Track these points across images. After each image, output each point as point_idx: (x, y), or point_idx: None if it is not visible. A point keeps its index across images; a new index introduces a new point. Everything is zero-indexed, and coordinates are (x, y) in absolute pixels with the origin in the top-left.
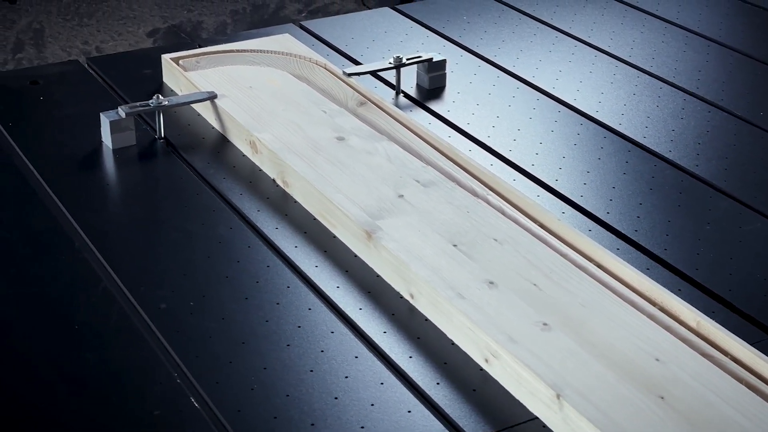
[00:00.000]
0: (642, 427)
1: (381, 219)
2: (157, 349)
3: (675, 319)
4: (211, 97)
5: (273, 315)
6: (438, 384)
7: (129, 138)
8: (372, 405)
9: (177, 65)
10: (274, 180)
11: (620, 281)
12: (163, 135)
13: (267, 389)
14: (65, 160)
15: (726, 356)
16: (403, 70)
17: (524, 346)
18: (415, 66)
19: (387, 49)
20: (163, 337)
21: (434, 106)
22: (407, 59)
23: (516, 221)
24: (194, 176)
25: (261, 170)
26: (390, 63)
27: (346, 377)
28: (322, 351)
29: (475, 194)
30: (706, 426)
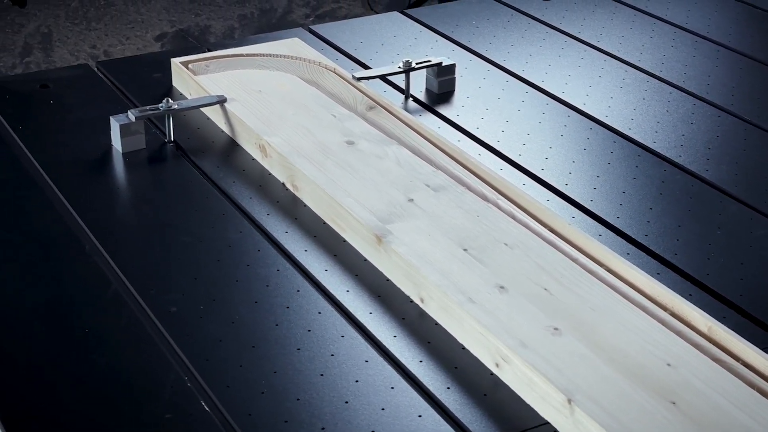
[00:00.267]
0: None
1: (391, 223)
2: (168, 353)
3: (686, 324)
4: (221, 101)
5: (283, 319)
6: (448, 388)
7: (139, 142)
8: (383, 409)
9: (187, 69)
10: (284, 184)
11: (631, 286)
12: (173, 139)
13: (277, 393)
14: (75, 164)
15: (737, 361)
16: (413, 75)
17: (535, 351)
18: (425, 70)
19: (396, 53)
20: (174, 341)
21: (443, 111)
22: (416, 63)
23: (526, 226)
24: (204, 180)
25: (270, 174)
26: (399, 67)
27: (357, 381)
28: (333, 355)
29: (485, 198)
30: (718, 431)
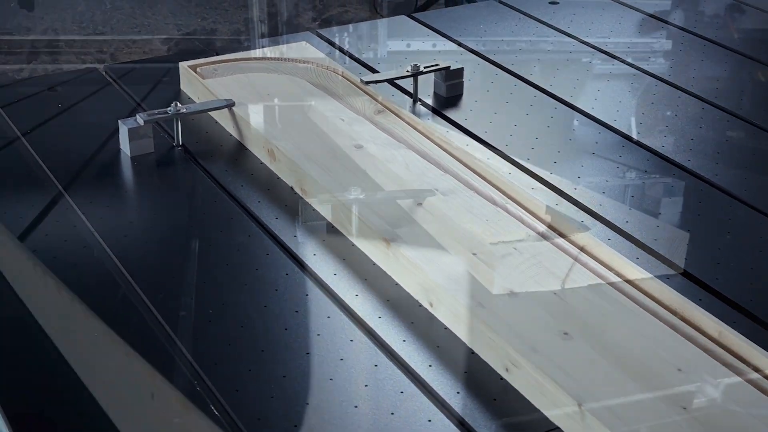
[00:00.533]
0: None
1: (400, 227)
2: (177, 357)
3: (697, 329)
4: (229, 105)
5: (292, 323)
6: (458, 393)
7: (147, 145)
8: (392, 414)
9: (195, 73)
10: (292, 188)
11: (641, 291)
12: (181, 142)
13: (286, 397)
14: (83, 168)
15: (748, 366)
16: (421, 78)
17: (545, 356)
18: (433, 74)
19: (404, 57)
20: (183, 345)
21: (452, 115)
22: (425, 67)
23: (535, 230)
24: (212, 183)
25: (279, 178)
26: (407, 71)
27: (366, 386)
28: (342, 359)
29: (494, 202)
30: None
